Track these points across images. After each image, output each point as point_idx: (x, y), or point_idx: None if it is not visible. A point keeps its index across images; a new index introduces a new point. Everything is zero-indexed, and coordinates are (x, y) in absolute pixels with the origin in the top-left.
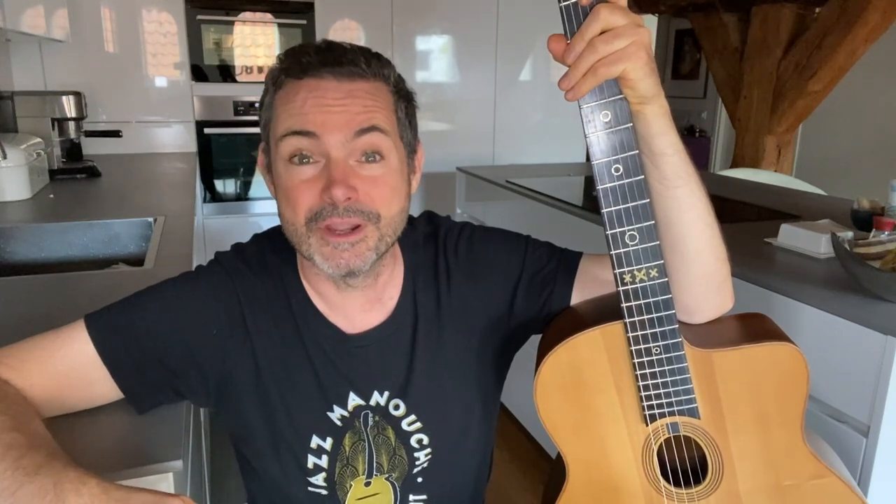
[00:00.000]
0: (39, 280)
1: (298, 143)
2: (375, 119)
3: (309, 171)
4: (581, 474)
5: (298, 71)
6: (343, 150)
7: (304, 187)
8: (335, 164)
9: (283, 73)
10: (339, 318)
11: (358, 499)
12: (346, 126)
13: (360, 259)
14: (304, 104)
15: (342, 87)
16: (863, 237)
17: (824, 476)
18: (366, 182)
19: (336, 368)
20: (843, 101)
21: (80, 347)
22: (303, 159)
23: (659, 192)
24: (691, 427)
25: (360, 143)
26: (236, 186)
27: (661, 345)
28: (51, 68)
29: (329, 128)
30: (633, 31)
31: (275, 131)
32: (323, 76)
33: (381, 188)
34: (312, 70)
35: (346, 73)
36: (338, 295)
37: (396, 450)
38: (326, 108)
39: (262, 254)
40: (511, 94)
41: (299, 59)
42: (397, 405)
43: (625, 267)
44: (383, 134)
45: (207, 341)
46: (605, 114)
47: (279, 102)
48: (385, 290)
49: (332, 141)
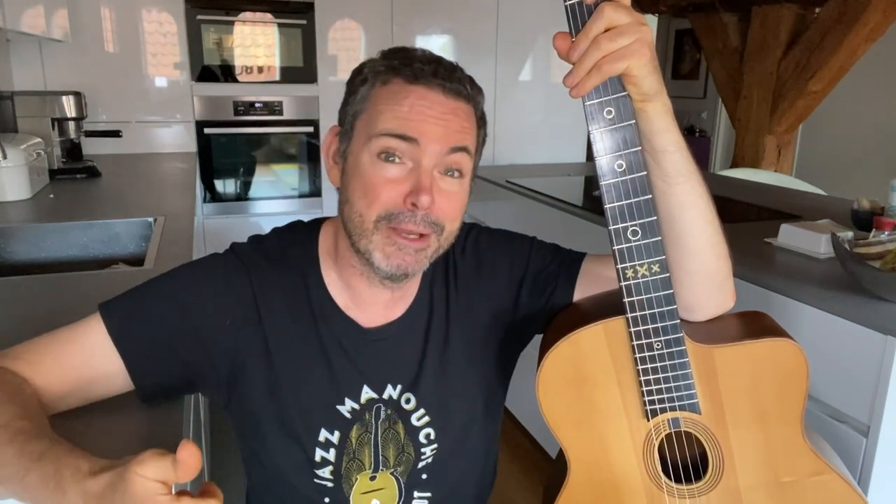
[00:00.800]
0: (39, 280)
1: (396, 145)
2: (467, 140)
3: (395, 170)
4: (582, 469)
5: (410, 75)
6: (434, 160)
7: (388, 185)
8: (425, 172)
9: (393, 73)
10: (357, 313)
11: (363, 493)
12: (444, 140)
13: (418, 265)
14: (411, 109)
15: (448, 103)
16: (863, 237)
17: (824, 472)
18: (442, 195)
19: (351, 361)
20: (843, 101)
21: (95, 338)
22: (390, 157)
23: (661, 189)
24: (692, 422)
25: (449, 159)
26: (236, 186)
27: (663, 340)
28: (51, 68)
29: (429, 138)
30: (637, 28)
31: (371, 125)
32: (433, 87)
33: (454, 203)
34: (424, 79)
35: (453, 91)
36: (368, 290)
37: (405, 446)
38: (431, 119)
39: (282, 246)
40: (511, 95)
41: (411, 64)
42: (408, 399)
43: (627, 262)
44: (468, 155)
45: (220, 331)
46: (609, 111)
47: (383, 99)
48: (409, 287)
49: (428, 150)
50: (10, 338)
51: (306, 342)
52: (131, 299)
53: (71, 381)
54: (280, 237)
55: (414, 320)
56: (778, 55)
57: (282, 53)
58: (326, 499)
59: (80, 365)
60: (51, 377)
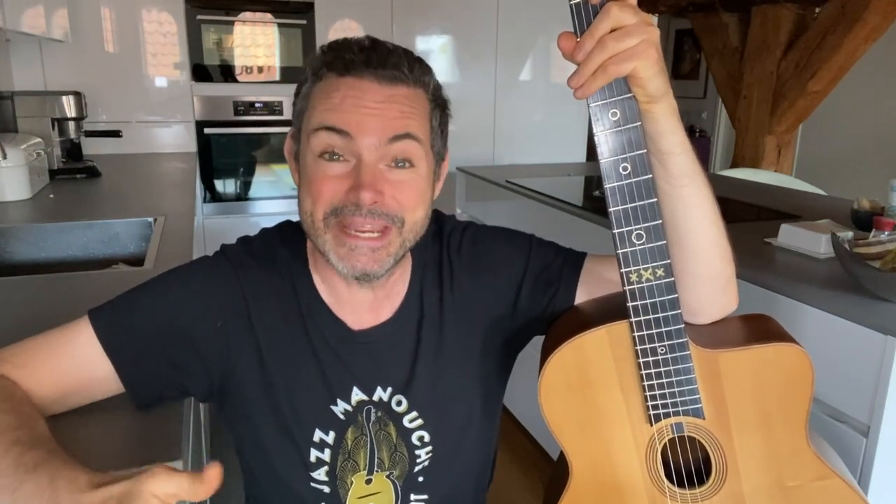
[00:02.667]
0: (39, 280)
1: (331, 140)
2: (410, 126)
3: (338, 168)
4: (584, 474)
5: (341, 67)
6: (375, 153)
7: (330, 182)
8: (365, 167)
9: (326, 67)
10: (346, 314)
11: (359, 497)
12: (381, 130)
13: (377, 265)
14: (342, 102)
15: (382, 91)
16: (863, 237)
17: (828, 478)
18: (393, 186)
19: (341, 363)
20: (843, 101)
21: (85, 343)
22: (333, 156)
23: (665, 191)
24: (695, 427)
25: (392, 148)
26: (236, 186)
27: (667, 344)
28: (51, 68)
29: (364, 130)
30: (644, 29)
31: (308, 123)
32: (364, 76)
33: (408, 193)
34: (355, 69)
35: (387, 77)
36: (347, 291)
37: (397, 447)
38: (364, 110)
39: (270, 247)
40: (511, 95)
41: (343, 55)
42: (399, 401)
43: (631, 266)
44: (416, 142)
45: (211, 334)
46: (614, 112)
47: (317, 95)
48: (394, 288)
49: (365, 143)
50: (11, 338)
51: (297, 342)
52: (120, 305)
53: (62, 386)
54: (268, 237)
55: (403, 323)
56: (778, 55)
57: (282, 53)
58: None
59: (71, 370)
60: (42, 381)
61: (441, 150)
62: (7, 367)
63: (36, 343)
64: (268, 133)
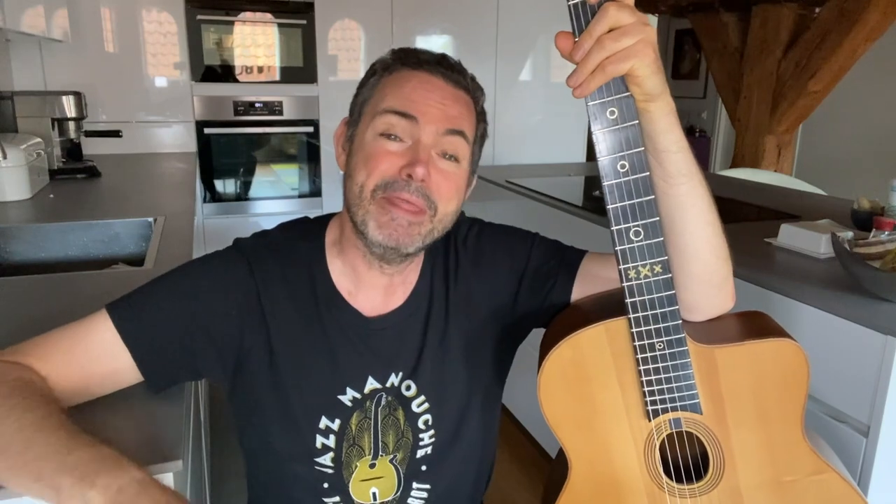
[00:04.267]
0: (39, 280)
1: (396, 122)
2: (464, 125)
3: (394, 146)
4: (583, 470)
5: (415, 63)
6: (431, 139)
7: (387, 157)
8: (423, 148)
9: (400, 62)
10: (360, 302)
11: (362, 480)
12: (442, 121)
13: (409, 239)
14: (413, 91)
15: (448, 89)
16: (863, 237)
17: (824, 472)
18: (438, 173)
19: (356, 351)
20: (843, 101)
21: (104, 336)
22: (391, 136)
23: (662, 189)
24: (693, 423)
25: (446, 140)
26: (236, 186)
27: (665, 340)
28: (51, 68)
29: (428, 117)
30: (641, 29)
31: (375, 106)
32: (435, 73)
33: (449, 184)
34: (428, 66)
35: (454, 79)
36: (367, 273)
37: (404, 431)
38: (431, 101)
39: (287, 239)
40: (511, 95)
41: (417, 55)
42: (409, 386)
43: (629, 263)
44: (465, 140)
45: (225, 322)
46: (612, 111)
47: (388, 84)
48: (409, 274)
49: (426, 128)
50: (11, 338)
51: (310, 332)
52: (136, 298)
53: (81, 378)
54: (286, 231)
55: (414, 309)
56: (778, 55)
57: (282, 53)
58: (325, 484)
59: (89, 362)
60: (61, 373)
61: (476, 161)
62: (30, 359)
63: (55, 337)
64: (268, 133)
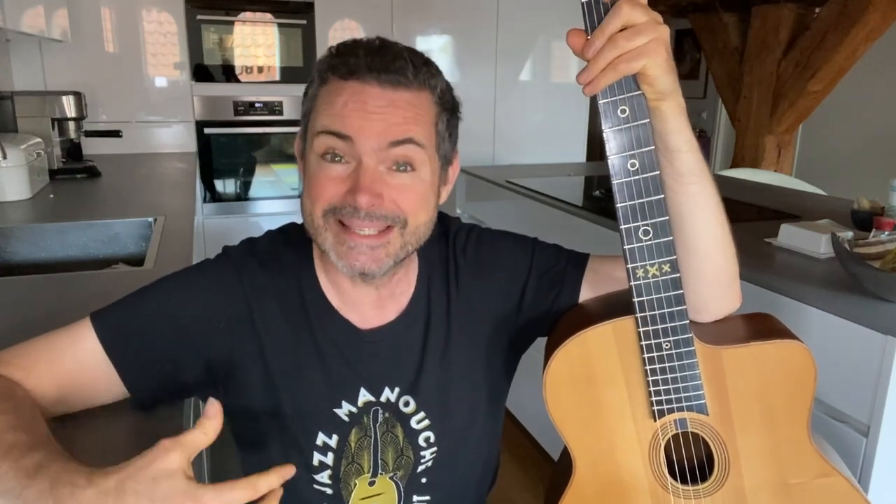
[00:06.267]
0: (39, 280)
1: (333, 143)
2: (412, 131)
3: (339, 169)
4: (588, 469)
5: (345, 71)
6: (375, 157)
7: (330, 183)
8: (364, 170)
9: (330, 70)
10: (352, 314)
11: (362, 498)
12: (382, 134)
13: (375, 264)
14: (344, 106)
15: (384, 95)
16: (863, 237)
17: (830, 475)
18: (393, 189)
19: (347, 363)
20: (843, 101)
21: (87, 346)
22: (335, 158)
23: (672, 188)
24: (699, 423)
25: (393, 153)
26: (236, 186)
27: (672, 340)
28: (51, 68)
29: (365, 134)
30: (654, 27)
31: (314, 123)
32: (367, 81)
33: (409, 196)
34: (359, 73)
35: (390, 81)
36: (352, 289)
37: (404, 449)
38: (365, 114)
39: (275, 248)
40: (511, 95)
41: (347, 60)
42: (407, 402)
43: (637, 262)
44: (418, 146)
45: (213, 335)
46: (623, 109)
47: (321, 98)
48: (398, 287)
49: (365, 147)
50: (11, 338)
51: (301, 344)
52: (121, 307)
53: (64, 386)
54: (273, 239)
55: (411, 323)
56: (778, 55)
57: (282, 53)
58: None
59: (73, 371)
60: (44, 382)
61: (448, 154)
62: (10, 368)
63: (38, 344)
64: (268, 133)
